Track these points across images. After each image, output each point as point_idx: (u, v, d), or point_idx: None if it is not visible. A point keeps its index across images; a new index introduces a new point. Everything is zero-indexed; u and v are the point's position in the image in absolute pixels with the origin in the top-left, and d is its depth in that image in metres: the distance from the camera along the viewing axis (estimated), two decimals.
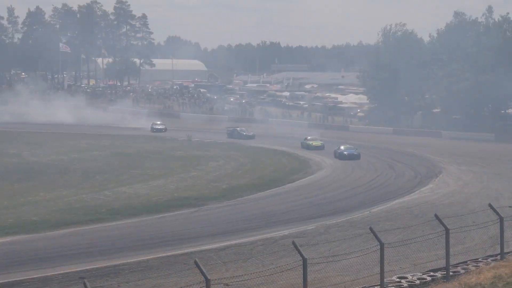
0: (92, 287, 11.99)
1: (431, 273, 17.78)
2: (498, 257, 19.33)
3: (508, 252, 19.80)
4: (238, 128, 69.53)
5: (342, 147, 55.66)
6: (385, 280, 16.36)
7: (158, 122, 77.15)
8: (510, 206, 28.21)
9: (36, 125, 79.49)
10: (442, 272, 17.76)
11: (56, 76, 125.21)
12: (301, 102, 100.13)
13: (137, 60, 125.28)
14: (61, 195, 38.98)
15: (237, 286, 17.62)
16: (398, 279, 17.17)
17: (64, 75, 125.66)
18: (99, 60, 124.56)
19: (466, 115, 77.45)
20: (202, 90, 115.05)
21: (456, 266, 18.50)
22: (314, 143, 59.41)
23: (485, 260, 19.20)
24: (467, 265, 18.75)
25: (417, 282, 17.01)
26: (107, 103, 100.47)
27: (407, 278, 17.32)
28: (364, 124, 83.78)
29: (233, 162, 53.70)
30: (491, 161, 55.53)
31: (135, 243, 27.96)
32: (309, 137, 62.47)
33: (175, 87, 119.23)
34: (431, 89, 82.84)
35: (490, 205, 19.45)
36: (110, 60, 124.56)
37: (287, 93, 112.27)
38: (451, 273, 17.59)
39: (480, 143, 68.43)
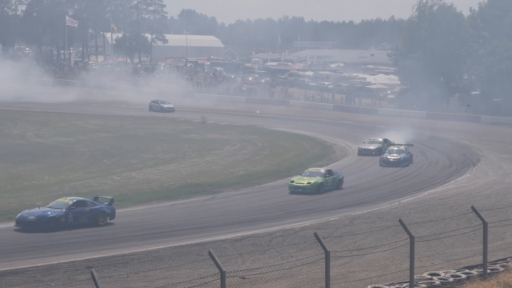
0: (99, 277, 12.10)
1: (466, 270, 17.69)
2: None
3: None
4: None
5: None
6: (415, 276, 16.31)
7: None
8: None
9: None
10: (478, 270, 17.66)
11: (62, 51, 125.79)
12: (326, 83, 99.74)
13: (148, 35, 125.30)
14: (67, 179, 39.33)
15: (254, 279, 17.68)
16: (429, 276, 17.10)
17: (71, 51, 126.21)
18: (108, 35, 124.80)
19: (508, 98, 76.62)
20: (218, 68, 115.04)
21: (495, 264, 18.38)
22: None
23: None
24: (507, 262, 18.62)
25: (451, 279, 16.92)
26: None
27: (440, 275, 17.24)
28: (395, 107, 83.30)
29: (251, 146, 53.77)
30: None
31: (145, 231, 28.16)
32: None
33: (189, 65, 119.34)
34: (470, 69, 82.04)
35: None
36: (120, 35, 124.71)
37: (310, 73, 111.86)
38: (488, 271, 17.48)
39: None
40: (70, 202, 29.11)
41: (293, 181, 37.16)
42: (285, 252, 23.37)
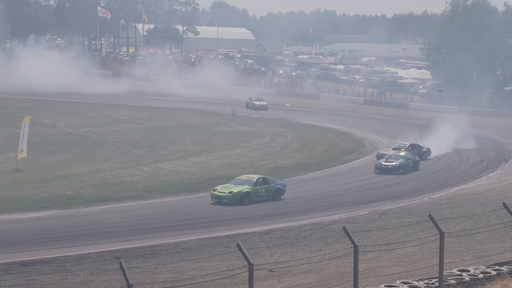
0: (128, 268, 12.21)
1: (497, 267, 17.52)
2: None
3: None
4: None
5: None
6: (444, 272, 16.20)
7: None
8: None
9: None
10: (509, 267, 17.49)
11: (93, 42, 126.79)
12: (357, 77, 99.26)
13: (179, 27, 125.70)
14: (97, 169, 39.69)
15: (282, 273, 17.72)
16: (459, 272, 16.98)
17: (102, 42, 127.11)
18: (139, 26, 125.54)
19: None
20: (249, 61, 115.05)
21: None
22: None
23: None
24: None
25: (480, 276, 16.80)
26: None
27: (469, 271, 17.11)
28: (426, 102, 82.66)
29: (281, 139, 53.76)
30: None
31: (174, 223, 28.35)
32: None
33: (220, 57, 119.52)
34: (504, 65, 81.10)
35: None
36: (151, 26, 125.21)
37: (341, 66, 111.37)
38: None
39: None
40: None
41: (215, 189, 32.68)
42: (314, 246, 23.37)
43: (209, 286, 15.14)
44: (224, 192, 32.40)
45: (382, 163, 41.49)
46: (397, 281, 16.19)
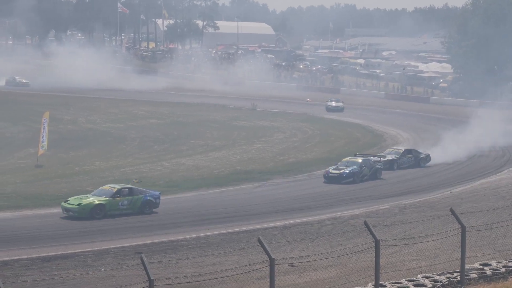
0: (149, 263, 12.27)
1: None
2: None
3: None
4: None
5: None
6: (466, 266, 16.12)
7: None
8: None
9: None
10: None
11: (113, 38, 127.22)
12: (377, 71, 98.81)
13: (199, 22, 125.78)
14: (117, 165, 39.89)
15: (303, 267, 17.71)
16: (480, 266, 16.90)
17: (123, 37, 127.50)
18: (159, 21, 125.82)
19: None
20: (269, 55, 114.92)
21: None
22: None
23: None
24: None
25: (502, 270, 16.70)
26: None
27: (491, 265, 17.02)
28: (447, 95, 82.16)
29: (301, 134, 53.69)
30: None
31: (194, 218, 28.41)
32: None
33: (240, 52, 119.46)
34: None
35: None
36: (171, 21, 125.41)
37: (362, 61, 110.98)
38: None
39: None
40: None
41: (67, 201, 28.55)
42: (334, 240, 23.32)
43: (230, 281, 15.16)
44: (73, 204, 28.15)
45: (330, 170, 36.71)
46: (419, 275, 16.14)
